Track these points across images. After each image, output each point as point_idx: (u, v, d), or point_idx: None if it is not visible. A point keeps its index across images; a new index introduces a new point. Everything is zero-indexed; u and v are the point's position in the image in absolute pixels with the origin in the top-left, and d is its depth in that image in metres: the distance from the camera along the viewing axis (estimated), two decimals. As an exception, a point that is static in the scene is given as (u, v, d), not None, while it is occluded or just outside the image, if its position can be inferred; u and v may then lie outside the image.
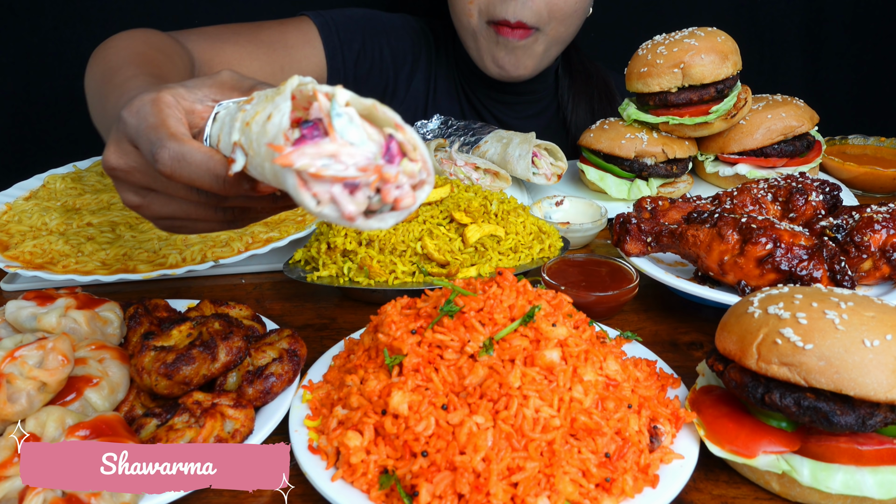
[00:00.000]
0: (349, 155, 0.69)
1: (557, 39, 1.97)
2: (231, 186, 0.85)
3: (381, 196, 0.72)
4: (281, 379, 1.05)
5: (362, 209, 0.72)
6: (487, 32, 1.92)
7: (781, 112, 1.85)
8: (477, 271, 1.36)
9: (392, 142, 0.72)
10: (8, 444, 0.88)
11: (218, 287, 1.51)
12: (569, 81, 2.27)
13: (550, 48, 1.98)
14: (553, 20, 1.90)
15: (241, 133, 0.79)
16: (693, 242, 1.28)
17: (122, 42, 1.53)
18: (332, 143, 0.69)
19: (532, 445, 0.87)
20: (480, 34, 1.94)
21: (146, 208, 0.98)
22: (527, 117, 2.23)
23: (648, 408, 0.97)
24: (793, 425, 0.93)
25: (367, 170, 0.70)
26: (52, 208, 1.66)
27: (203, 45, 1.77)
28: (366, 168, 0.70)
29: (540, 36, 1.92)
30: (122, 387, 1.02)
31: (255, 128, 0.76)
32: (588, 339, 1.03)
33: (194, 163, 0.85)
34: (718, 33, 1.81)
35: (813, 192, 1.43)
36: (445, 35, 2.19)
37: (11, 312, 1.11)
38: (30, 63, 2.50)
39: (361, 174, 0.69)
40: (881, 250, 1.26)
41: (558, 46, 2.01)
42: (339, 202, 0.70)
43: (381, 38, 2.10)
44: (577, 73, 2.28)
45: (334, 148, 0.69)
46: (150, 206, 0.97)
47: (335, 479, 0.91)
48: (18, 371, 0.94)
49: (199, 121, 0.93)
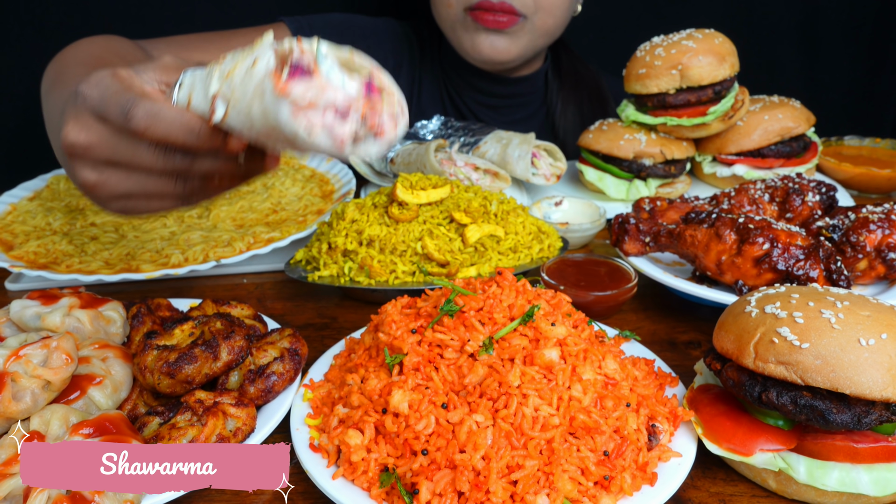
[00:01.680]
0: (336, 89, 0.78)
1: (545, 31, 1.97)
2: (206, 139, 0.86)
3: (367, 124, 0.80)
4: (282, 378, 1.06)
5: (352, 135, 0.79)
6: (466, 21, 1.92)
7: (778, 113, 1.86)
8: (477, 271, 1.36)
9: (371, 82, 0.81)
10: (12, 442, 0.89)
11: (220, 287, 1.52)
12: (558, 85, 2.25)
13: (537, 39, 1.98)
14: (540, 10, 1.90)
15: (220, 83, 0.83)
16: (691, 242, 1.29)
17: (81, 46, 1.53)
18: (319, 79, 0.77)
19: (531, 444, 0.88)
20: (459, 23, 1.94)
21: (102, 186, 0.94)
22: (514, 121, 2.21)
23: (647, 406, 0.98)
24: (789, 423, 0.94)
25: (356, 100, 0.79)
26: (56, 208, 1.67)
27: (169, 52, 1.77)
28: (355, 98, 0.79)
29: (526, 24, 1.92)
30: (125, 385, 1.03)
31: (238, 76, 0.80)
32: (587, 338, 1.04)
33: (169, 117, 0.86)
34: (716, 35, 1.82)
35: (809, 193, 1.44)
36: (431, 38, 2.18)
37: (16, 312, 1.11)
38: (34, 65, 2.51)
39: (353, 101, 0.79)
40: (877, 250, 1.27)
41: (545, 38, 2.01)
42: (331, 128, 0.77)
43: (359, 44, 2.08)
44: (566, 76, 2.26)
45: (323, 83, 0.77)
46: (107, 183, 0.94)
47: (336, 478, 0.91)
48: (23, 370, 0.95)
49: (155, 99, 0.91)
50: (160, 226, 1.57)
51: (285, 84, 0.75)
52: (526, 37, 1.95)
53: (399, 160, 1.82)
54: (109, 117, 0.89)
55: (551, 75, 2.25)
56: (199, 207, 1.66)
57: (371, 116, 0.80)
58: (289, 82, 0.75)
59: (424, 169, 1.72)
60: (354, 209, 1.43)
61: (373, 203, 1.45)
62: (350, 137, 0.79)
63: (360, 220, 1.41)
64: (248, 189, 1.76)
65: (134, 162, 0.91)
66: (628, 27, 2.47)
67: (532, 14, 1.90)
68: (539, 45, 2.02)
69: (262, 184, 1.78)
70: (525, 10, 1.88)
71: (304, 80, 0.76)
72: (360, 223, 1.41)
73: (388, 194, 1.45)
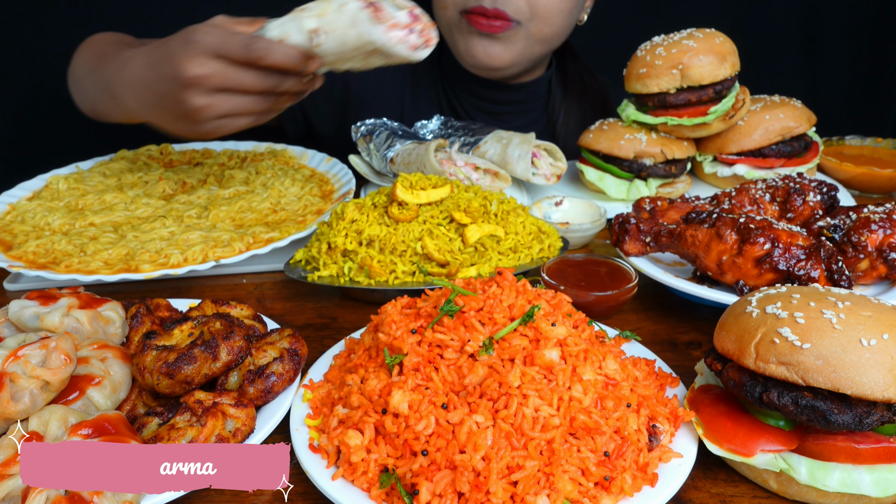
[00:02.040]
0: (400, 16, 1.29)
1: (541, 38, 1.94)
2: (300, 62, 1.29)
3: (423, 37, 1.32)
4: (282, 378, 1.05)
5: (415, 45, 1.30)
6: (461, 24, 1.91)
7: (779, 113, 1.85)
8: (477, 271, 1.36)
9: (413, 11, 1.31)
10: (11, 442, 0.89)
11: (219, 287, 1.52)
12: (561, 93, 2.22)
13: (533, 46, 1.95)
14: (535, 17, 1.88)
15: (317, 21, 1.29)
16: (692, 242, 1.29)
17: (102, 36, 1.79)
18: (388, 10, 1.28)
19: (531, 444, 0.87)
20: (455, 26, 1.93)
21: (209, 108, 1.29)
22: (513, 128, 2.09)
23: (647, 407, 0.98)
24: (790, 424, 0.94)
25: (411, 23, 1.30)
26: (55, 208, 1.67)
27: None
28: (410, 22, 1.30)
29: (520, 30, 1.89)
30: (124, 386, 1.03)
31: (330, 14, 1.28)
32: (587, 338, 1.03)
33: (279, 49, 1.27)
34: (717, 34, 1.81)
35: (810, 193, 1.44)
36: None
37: (15, 312, 1.11)
38: (33, 64, 2.51)
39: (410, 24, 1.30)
40: (878, 250, 1.26)
41: (542, 46, 1.98)
42: (406, 39, 1.29)
43: None
44: (571, 84, 2.23)
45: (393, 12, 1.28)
46: (213, 105, 1.29)
47: (336, 478, 0.91)
48: (22, 370, 0.94)
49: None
50: (159, 226, 1.57)
51: (378, 13, 1.26)
52: (520, 43, 1.92)
53: (399, 160, 1.81)
54: (228, 52, 1.25)
55: (555, 83, 2.22)
56: (200, 208, 1.66)
57: (423, 32, 1.31)
58: (379, 12, 1.26)
59: (424, 169, 1.71)
60: (354, 209, 1.43)
61: (372, 203, 1.45)
62: (415, 45, 1.30)
63: (359, 220, 1.41)
64: (247, 189, 1.76)
65: (241, 85, 1.28)
66: (629, 27, 2.47)
67: (527, 21, 1.88)
68: (536, 53, 1.99)
69: (261, 184, 1.78)
70: (518, 16, 1.86)
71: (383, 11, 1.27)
72: (360, 223, 1.41)
73: (387, 194, 1.45)
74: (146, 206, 1.67)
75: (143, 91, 1.39)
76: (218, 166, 1.91)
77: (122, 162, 1.89)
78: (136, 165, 1.89)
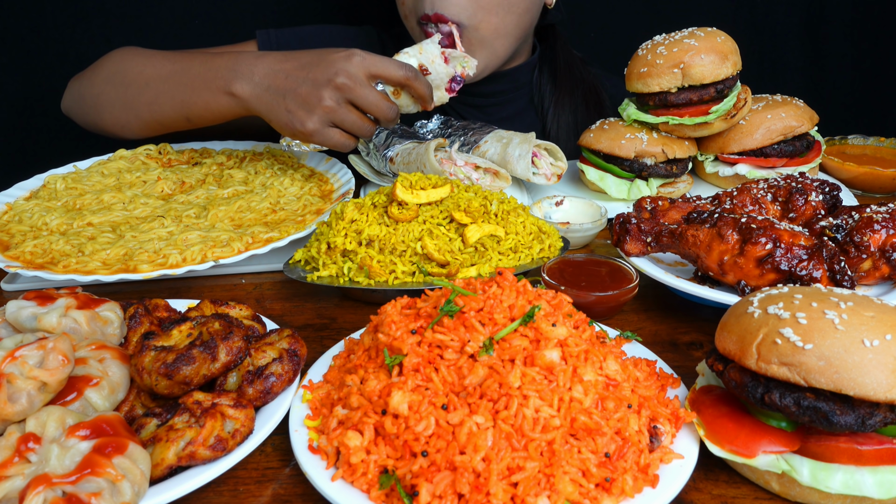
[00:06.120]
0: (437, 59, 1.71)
1: (499, 32, 1.85)
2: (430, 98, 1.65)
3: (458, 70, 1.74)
4: (281, 379, 1.05)
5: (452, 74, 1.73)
6: (419, 33, 1.88)
7: (781, 112, 1.85)
8: (477, 271, 1.36)
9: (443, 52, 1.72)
10: (8, 444, 0.88)
11: (218, 287, 1.51)
12: (551, 88, 2.17)
13: (494, 42, 1.87)
14: (481, 11, 1.80)
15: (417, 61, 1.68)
16: (693, 242, 1.29)
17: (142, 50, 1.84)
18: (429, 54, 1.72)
19: (532, 445, 0.87)
20: (416, 34, 1.91)
21: (332, 111, 1.52)
22: (501, 119, 2.12)
23: (648, 408, 0.97)
24: (792, 425, 0.93)
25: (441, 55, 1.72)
26: (53, 208, 1.66)
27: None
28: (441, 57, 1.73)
29: (471, 36, 1.82)
30: (122, 387, 1.02)
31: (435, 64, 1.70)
32: (588, 338, 1.03)
33: (422, 78, 1.60)
34: (718, 33, 1.81)
35: (812, 192, 1.43)
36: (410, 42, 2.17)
37: (12, 312, 1.11)
38: (30, 63, 2.51)
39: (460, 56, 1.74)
40: (881, 250, 1.26)
41: (504, 40, 1.89)
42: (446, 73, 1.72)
43: None
44: (561, 78, 2.17)
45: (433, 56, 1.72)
46: (339, 111, 1.52)
47: (335, 479, 0.91)
48: (19, 371, 0.94)
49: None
50: (158, 226, 1.57)
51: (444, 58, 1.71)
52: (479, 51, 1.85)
53: (399, 160, 1.81)
54: (387, 74, 1.54)
55: (543, 74, 2.17)
56: (198, 208, 1.66)
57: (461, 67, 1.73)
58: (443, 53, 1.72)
59: (424, 168, 1.71)
60: (354, 209, 1.43)
61: (372, 203, 1.44)
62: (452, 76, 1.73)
63: (359, 220, 1.41)
64: (246, 189, 1.75)
65: (370, 105, 1.53)
66: (629, 26, 2.47)
67: (470, 18, 1.79)
68: (502, 49, 1.91)
69: (260, 183, 1.77)
70: (460, 17, 1.78)
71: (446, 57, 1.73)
72: (360, 223, 1.40)
73: (387, 194, 1.45)
74: (144, 205, 1.66)
75: (274, 78, 1.53)
76: (217, 166, 1.90)
77: (121, 161, 1.89)
78: (134, 165, 1.88)
